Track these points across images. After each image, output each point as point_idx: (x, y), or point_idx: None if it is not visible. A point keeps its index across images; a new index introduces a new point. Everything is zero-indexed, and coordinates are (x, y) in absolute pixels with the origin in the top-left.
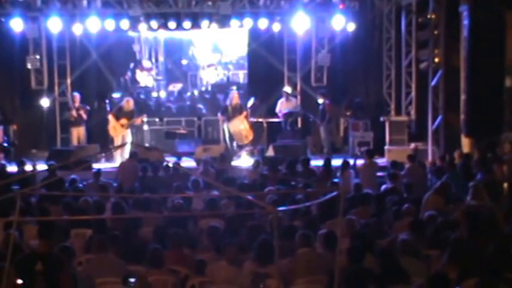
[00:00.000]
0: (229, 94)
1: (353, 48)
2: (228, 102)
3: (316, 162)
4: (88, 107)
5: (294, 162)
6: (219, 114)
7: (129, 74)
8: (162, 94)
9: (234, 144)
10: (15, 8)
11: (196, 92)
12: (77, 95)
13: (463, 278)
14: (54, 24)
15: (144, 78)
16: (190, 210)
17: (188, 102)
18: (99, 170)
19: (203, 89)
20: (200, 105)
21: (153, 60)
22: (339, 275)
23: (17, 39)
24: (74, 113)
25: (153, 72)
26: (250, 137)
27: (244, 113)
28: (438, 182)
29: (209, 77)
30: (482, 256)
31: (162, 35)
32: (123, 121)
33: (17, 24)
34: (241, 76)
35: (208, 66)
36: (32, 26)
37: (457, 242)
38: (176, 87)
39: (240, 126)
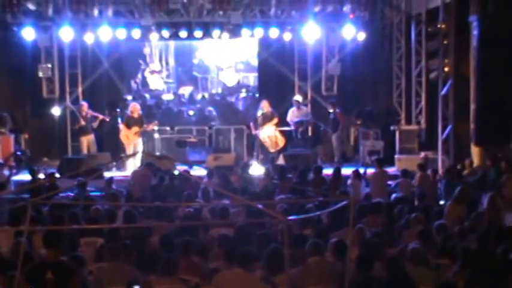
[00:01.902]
0: (238, 96)
1: (363, 58)
2: (259, 111)
3: (327, 171)
4: (103, 117)
5: (305, 171)
6: (251, 124)
7: (139, 77)
8: (172, 97)
9: (258, 154)
10: (28, 17)
11: (206, 95)
12: (84, 104)
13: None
14: (65, 33)
15: (155, 81)
16: (201, 218)
17: (199, 105)
18: (111, 178)
19: (213, 91)
20: (210, 108)
21: (164, 63)
22: (349, 284)
23: (29, 48)
24: (82, 121)
25: (163, 74)
26: (282, 144)
27: (275, 120)
28: (457, 190)
29: (228, 78)
30: (491, 266)
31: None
32: (135, 128)
33: (29, 33)
34: (252, 79)
35: (228, 67)
36: (43, 35)
37: (467, 251)
38: (186, 90)
39: (271, 133)
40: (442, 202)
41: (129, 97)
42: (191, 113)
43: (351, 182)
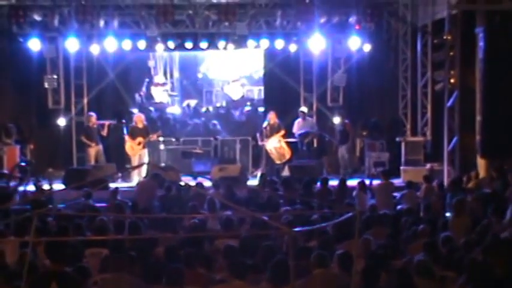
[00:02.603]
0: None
1: (369, 69)
2: (266, 122)
3: (332, 182)
4: (110, 122)
5: (310, 182)
6: (257, 135)
7: (144, 90)
8: (177, 110)
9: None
10: (33, 28)
11: (211, 108)
12: (93, 115)
13: None
14: (71, 44)
15: (159, 94)
16: (206, 229)
17: (203, 118)
18: (116, 189)
19: (218, 105)
20: (215, 121)
21: (168, 76)
22: None
23: (35, 58)
24: (93, 143)
25: (167, 87)
26: (288, 155)
27: (282, 132)
28: (454, 202)
29: (234, 92)
30: (497, 278)
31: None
32: (140, 139)
33: (34, 44)
34: (256, 92)
35: (234, 81)
36: (49, 46)
37: (473, 264)
38: (191, 103)
39: (277, 144)
40: (448, 214)
41: (135, 110)
42: (196, 123)
43: (356, 194)
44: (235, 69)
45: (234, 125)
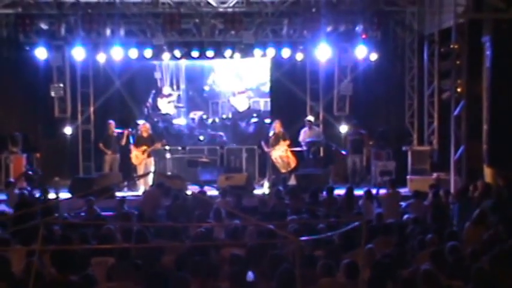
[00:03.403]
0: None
1: (375, 78)
2: (271, 131)
3: (338, 192)
4: (129, 131)
5: (316, 191)
6: (262, 143)
7: (150, 101)
8: (183, 121)
9: (270, 174)
10: (40, 37)
11: (217, 120)
12: (112, 123)
13: None
14: (78, 53)
15: (165, 106)
16: (212, 238)
17: (209, 130)
18: (123, 198)
19: (224, 116)
20: (221, 133)
21: (175, 87)
22: None
23: (41, 67)
24: (110, 152)
25: (173, 98)
26: (293, 164)
27: (287, 141)
28: (476, 212)
29: (240, 103)
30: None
31: (184, 62)
32: (144, 148)
33: (41, 53)
34: (262, 104)
35: (240, 93)
36: (56, 54)
37: (480, 273)
38: (197, 114)
39: (282, 153)
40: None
41: (142, 121)
42: (201, 138)
43: (363, 203)
44: (241, 81)
45: (240, 137)
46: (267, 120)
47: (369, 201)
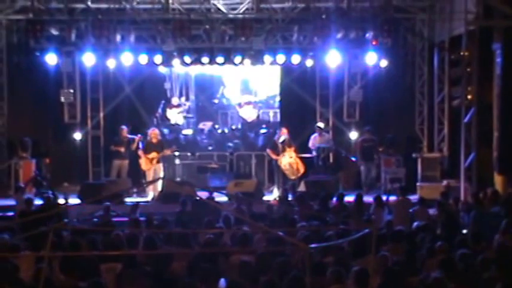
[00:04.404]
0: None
1: (386, 84)
2: (276, 138)
3: (348, 198)
4: (140, 136)
5: (326, 198)
6: (268, 150)
7: (159, 111)
8: (191, 132)
9: (279, 181)
10: (51, 43)
11: (226, 130)
12: (124, 128)
13: None
14: (88, 59)
15: (174, 116)
16: (221, 245)
17: (218, 140)
18: (137, 203)
19: (233, 127)
20: (230, 144)
21: (184, 98)
22: None
23: (52, 73)
24: (123, 149)
25: (183, 109)
26: (302, 170)
27: (293, 147)
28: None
29: (247, 114)
30: None
31: (193, 71)
32: (153, 154)
33: (51, 59)
34: (271, 115)
35: (247, 104)
36: (66, 60)
37: (489, 281)
38: (206, 125)
39: (291, 159)
40: (464, 231)
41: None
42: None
43: (374, 209)
44: (250, 93)
45: (249, 148)
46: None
47: (380, 208)
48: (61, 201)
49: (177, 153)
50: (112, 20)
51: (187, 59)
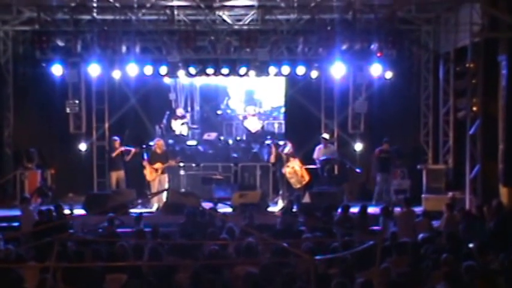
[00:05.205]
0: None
1: (391, 96)
2: (281, 150)
3: (353, 210)
4: (136, 149)
5: (330, 209)
6: (266, 158)
7: (164, 122)
8: (196, 143)
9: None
10: (56, 54)
11: (230, 141)
12: (117, 139)
13: None
14: (93, 70)
15: (179, 127)
16: (226, 256)
17: (222, 151)
18: (141, 214)
19: (238, 138)
20: (235, 155)
21: (189, 109)
22: None
23: (57, 83)
24: (115, 154)
25: (187, 119)
26: (307, 177)
27: (296, 158)
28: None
29: (252, 125)
30: None
31: (198, 82)
32: (158, 165)
33: (57, 70)
34: (276, 126)
35: (253, 115)
36: (71, 71)
37: None
38: (211, 136)
39: (296, 168)
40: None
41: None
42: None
43: (382, 220)
44: (255, 106)
45: (253, 160)
46: (281, 143)
47: (387, 219)
48: (66, 211)
49: (181, 164)
50: (117, 31)
51: (192, 70)
